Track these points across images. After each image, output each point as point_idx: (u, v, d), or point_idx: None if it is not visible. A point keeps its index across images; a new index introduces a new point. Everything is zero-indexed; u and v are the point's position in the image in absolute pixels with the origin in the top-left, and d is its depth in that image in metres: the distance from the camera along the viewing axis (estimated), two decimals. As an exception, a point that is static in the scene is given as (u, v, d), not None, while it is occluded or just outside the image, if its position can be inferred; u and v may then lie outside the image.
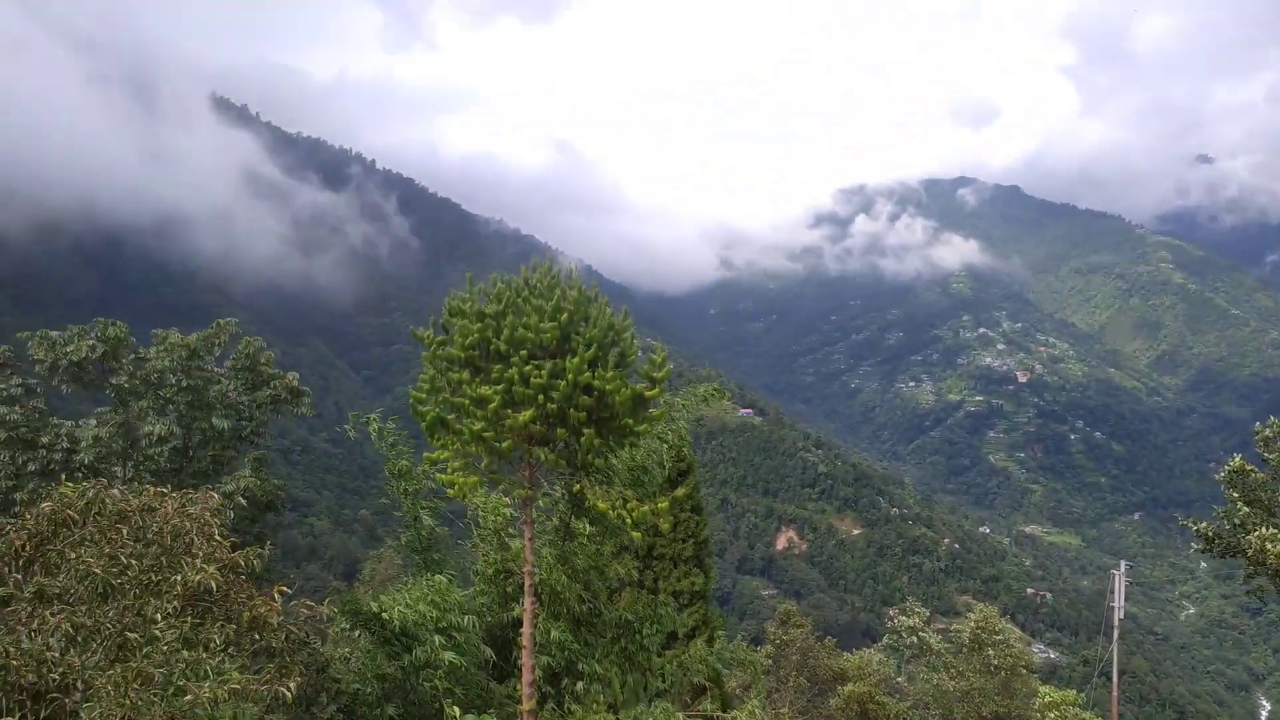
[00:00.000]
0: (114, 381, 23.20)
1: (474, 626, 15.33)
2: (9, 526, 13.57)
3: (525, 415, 12.98)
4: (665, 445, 16.70)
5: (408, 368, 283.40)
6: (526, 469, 14.28)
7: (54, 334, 22.99)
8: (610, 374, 13.05)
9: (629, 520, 13.38)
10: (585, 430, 13.12)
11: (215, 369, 24.92)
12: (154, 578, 12.09)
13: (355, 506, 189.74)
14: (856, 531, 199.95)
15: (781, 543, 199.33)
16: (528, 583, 14.63)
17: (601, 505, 13.34)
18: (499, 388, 13.05)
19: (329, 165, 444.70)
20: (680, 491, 15.26)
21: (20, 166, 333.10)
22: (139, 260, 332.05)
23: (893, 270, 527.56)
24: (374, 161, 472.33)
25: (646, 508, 13.40)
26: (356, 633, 15.98)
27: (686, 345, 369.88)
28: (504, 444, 13.42)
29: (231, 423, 24.40)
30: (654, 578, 25.61)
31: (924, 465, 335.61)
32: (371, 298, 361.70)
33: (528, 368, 13.00)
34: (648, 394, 13.53)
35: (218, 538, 12.64)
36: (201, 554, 12.25)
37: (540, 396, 12.89)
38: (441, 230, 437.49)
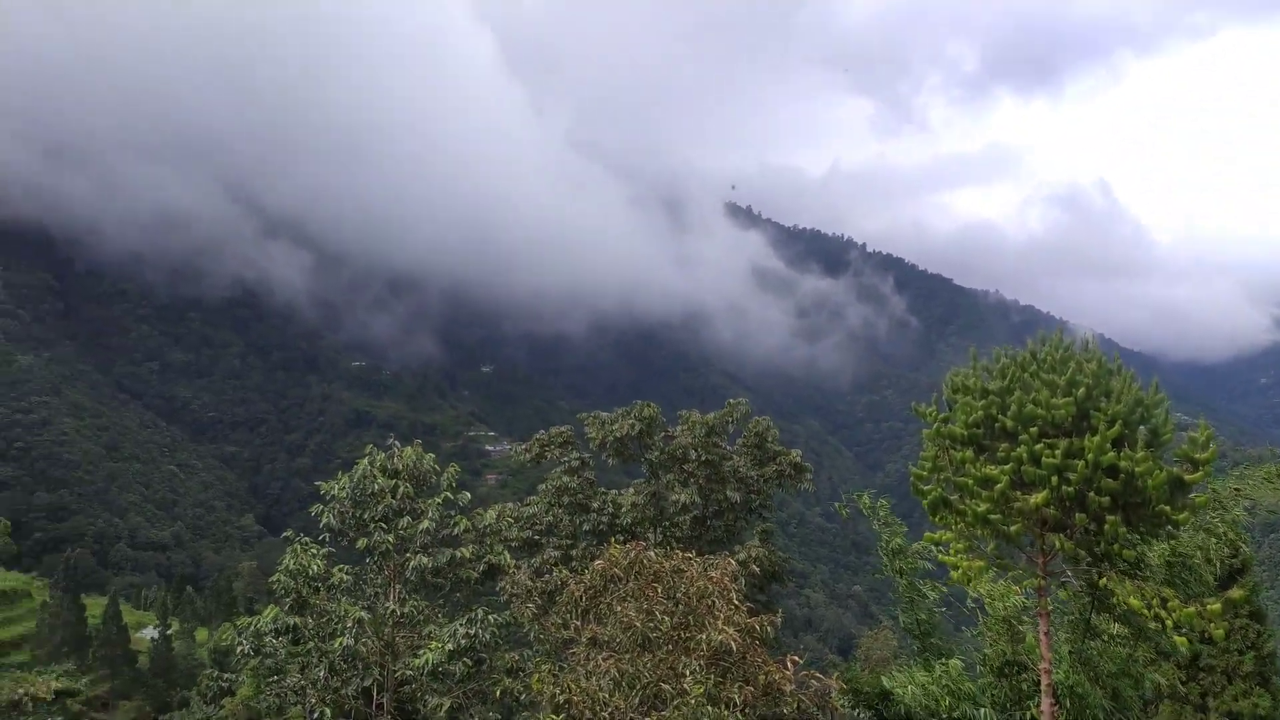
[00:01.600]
0: (647, 456, 26.52)
1: (987, 721, 14.43)
2: (571, 580, 16.11)
3: (1037, 498, 12.13)
4: (1213, 538, 14.36)
5: (898, 445, 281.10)
6: (1039, 556, 13.26)
7: (603, 415, 27.08)
8: (1140, 454, 11.67)
9: (1169, 622, 11.68)
10: (1109, 517, 11.84)
11: (727, 446, 27.23)
12: (683, 635, 13.42)
13: (849, 581, 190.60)
14: None
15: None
16: (1045, 681, 13.44)
17: (1134, 603, 11.84)
18: (1006, 467, 12.39)
19: (828, 254, 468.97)
20: (1236, 593, 12.88)
21: (582, 280, 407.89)
22: (666, 350, 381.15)
23: None
24: (865, 245, 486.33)
25: (1192, 609, 11.59)
26: (857, 710, 15.99)
27: (1230, 421, 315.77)
28: (1012, 528, 12.65)
29: (742, 495, 26.37)
30: (1200, 693, 21.81)
31: None
32: (864, 376, 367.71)
33: (1039, 446, 12.18)
34: (1188, 477, 11.83)
35: (735, 602, 13.67)
36: (722, 616, 13.33)
37: (1054, 478, 11.96)
38: (934, 306, 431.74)
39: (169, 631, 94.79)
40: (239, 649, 17.49)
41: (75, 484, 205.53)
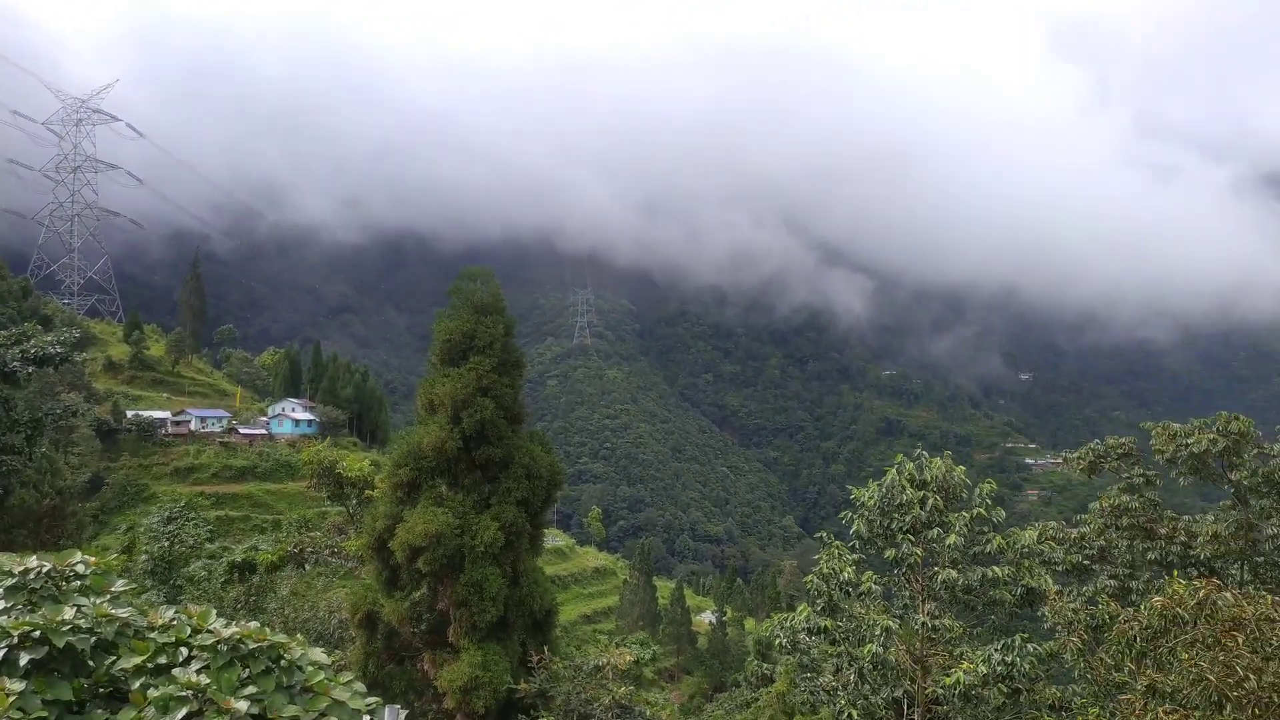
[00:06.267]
0: (1233, 477, 22.37)
1: None
2: (1123, 616, 14.23)
3: None
4: None
5: None
6: None
7: (1175, 426, 23.34)
8: None
9: None
10: None
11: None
12: (1276, 697, 11.02)
13: None
14: None
15: None
16: None
17: None
18: None
19: None
20: None
21: (1166, 285, 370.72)
22: (1260, 354, 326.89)
23: None
24: None
25: None
26: None
27: None
28: None
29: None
30: None
31: None
32: None
33: None
34: None
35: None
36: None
37: None
38: None
39: (724, 618, 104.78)
40: (777, 642, 18.62)
41: (649, 480, 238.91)
